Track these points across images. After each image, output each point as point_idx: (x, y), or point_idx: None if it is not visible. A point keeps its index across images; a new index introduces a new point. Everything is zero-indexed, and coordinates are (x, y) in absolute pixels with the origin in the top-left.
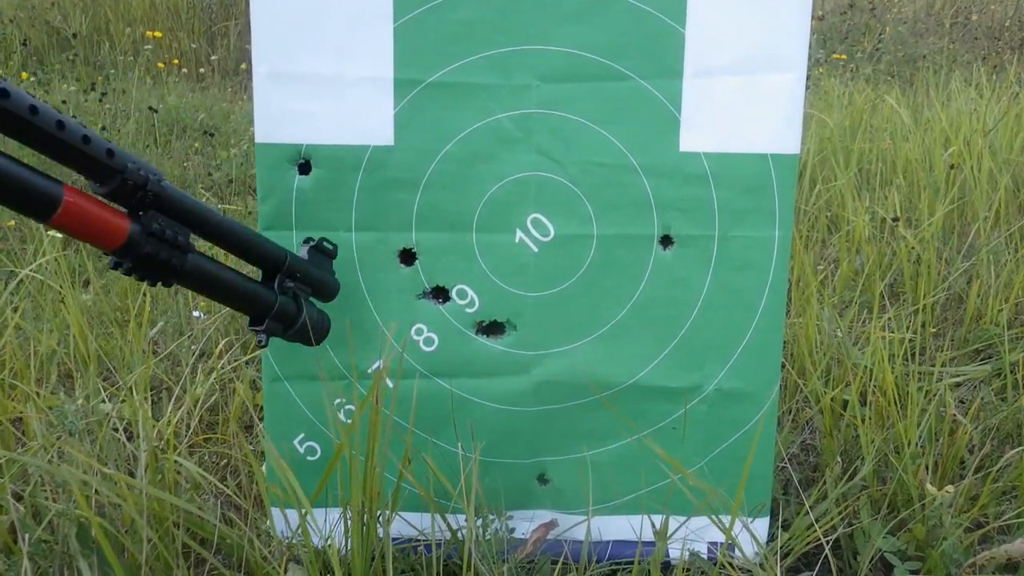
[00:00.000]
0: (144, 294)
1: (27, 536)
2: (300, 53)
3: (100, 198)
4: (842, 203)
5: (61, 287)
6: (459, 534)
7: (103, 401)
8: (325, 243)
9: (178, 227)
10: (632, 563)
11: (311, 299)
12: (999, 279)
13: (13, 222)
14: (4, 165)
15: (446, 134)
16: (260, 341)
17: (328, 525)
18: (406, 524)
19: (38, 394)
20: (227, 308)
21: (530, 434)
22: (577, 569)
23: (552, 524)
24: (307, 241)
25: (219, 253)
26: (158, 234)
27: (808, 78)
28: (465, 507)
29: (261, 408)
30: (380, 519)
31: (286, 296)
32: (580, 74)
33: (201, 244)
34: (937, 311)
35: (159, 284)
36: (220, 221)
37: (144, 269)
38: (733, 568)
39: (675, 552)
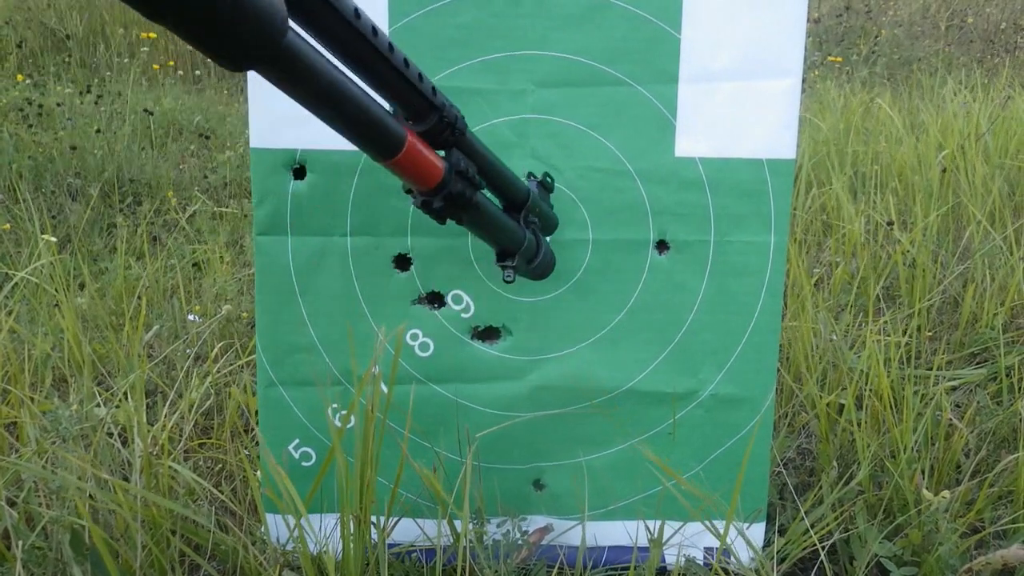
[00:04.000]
0: (140, 298)
1: (21, 543)
2: None
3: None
4: (837, 207)
5: (56, 290)
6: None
7: (98, 406)
8: (547, 177)
9: (470, 163)
10: (628, 569)
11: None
12: (994, 282)
13: (8, 225)
14: (368, 104)
15: None
16: (508, 276)
17: (324, 531)
18: (401, 530)
19: (32, 399)
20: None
21: (526, 439)
22: (573, 575)
23: (547, 529)
24: (531, 176)
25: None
26: (463, 172)
27: (804, 81)
28: (459, 513)
29: (256, 413)
30: (376, 525)
31: (528, 231)
32: (576, 79)
33: None
34: (932, 315)
35: (447, 222)
36: (491, 155)
37: (451, 207)
38: (729, 574)
39: (671, 558)
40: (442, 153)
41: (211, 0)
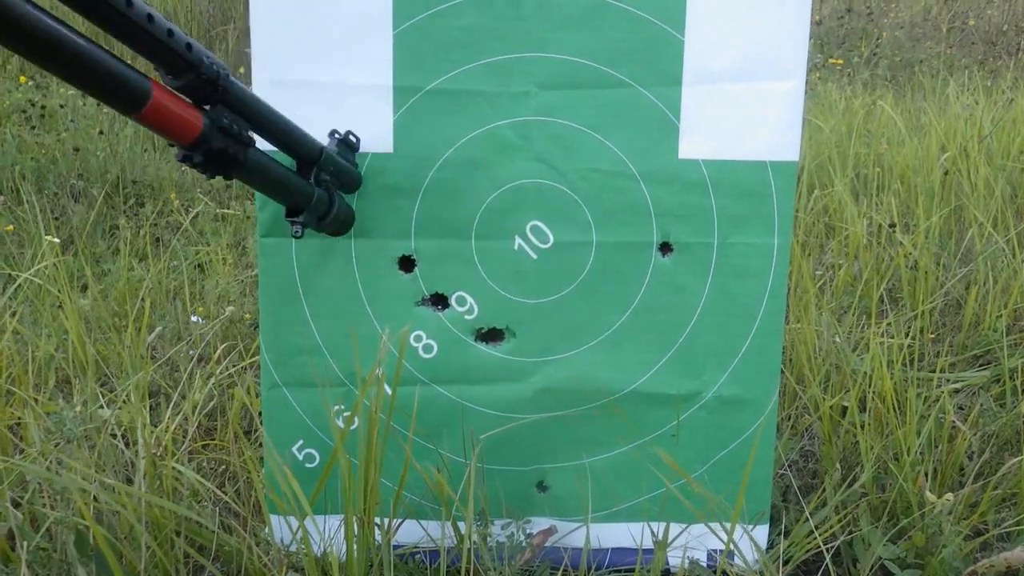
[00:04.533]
0: (143, 299)
1: (25, 543)
2: (300, 60)
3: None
4: (839, 209)
5: (59, 292)
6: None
7: (101, 407)
8: (351, 136)
9: (240, 121)
10: (632, 570)
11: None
12: (997, 285)
13: (12, 227)
14: (100, 57)
15: (445, 141)
16: (296, 232)
17: (328, 532)
18: (405, 531)
19: (36, 400)
20: (227, 313)
21: (529, 441)
22: None
23: (551, 531)
24: (333, 134)
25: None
26: (226, 129)
27: (805, 83)
28: (463, 514)
29: (260, 414)
30: (379, 526)
31: (320, 188)
32: (579, 81)
33: None
34: (935, 317)
35: (218, 178)
36: (271, 114)
37: (213, 163)
38: None
39: (675, 559)
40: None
41: None
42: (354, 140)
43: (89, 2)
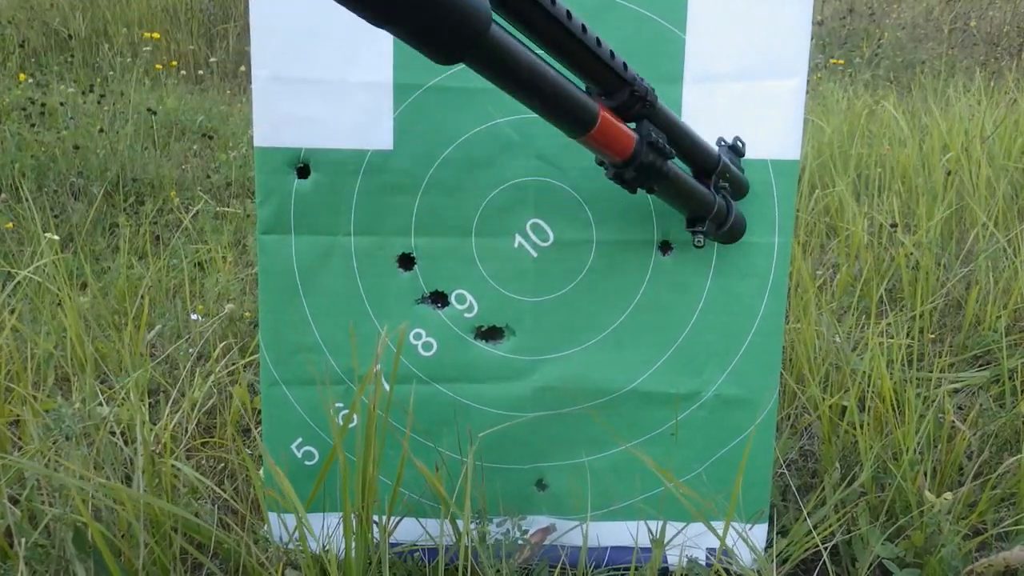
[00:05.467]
0: (142, 297)
1: (23, 540)
2: (300, 57)
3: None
4: (840, 209)
5: (59, 289)
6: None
7: (100, 404)
8: (739, 142)
9: (663, 135)
10: (630, 569)
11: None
12: (998, 285)
13: (11, 224)
14: (567, 87)
15: (445, 139)
16: (698, 241)
17: (326, 530)
18: (404, 529)
19: (35, 397)
20: (237, 307)
21: (529, 440)
22: (575, 575)
23: (549, 529)
24: (720, 142)
25: None
26: (654, 143)
27: (807, 83)
28: (461, 512)
29: (259, 412)
30: (378, 524)
31: (719, 196)
32: None
33: None
34: (936, 317)
35: (639, 190)
36: (682, 125)
37: (641, 178)
38: (731, 575)
39: (673, 558)
40: (633, 125)
41: (422, 11)
42: (740, 146)
43: (548, 30)
